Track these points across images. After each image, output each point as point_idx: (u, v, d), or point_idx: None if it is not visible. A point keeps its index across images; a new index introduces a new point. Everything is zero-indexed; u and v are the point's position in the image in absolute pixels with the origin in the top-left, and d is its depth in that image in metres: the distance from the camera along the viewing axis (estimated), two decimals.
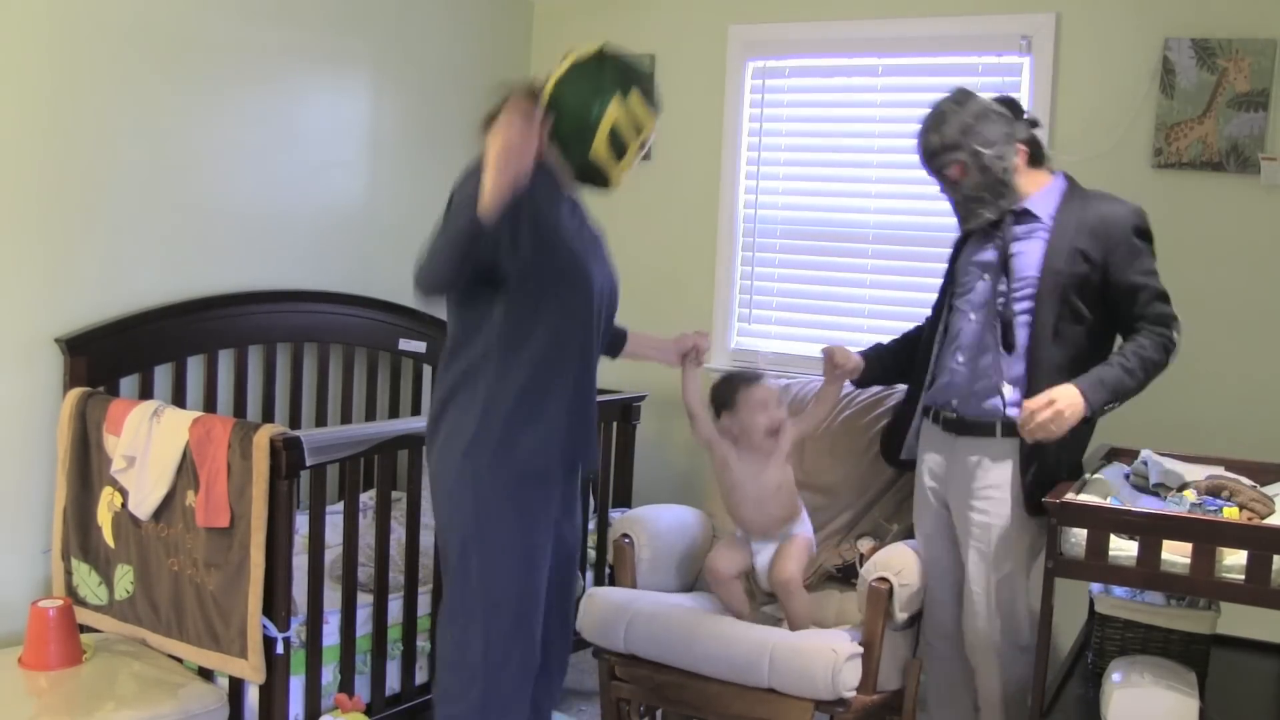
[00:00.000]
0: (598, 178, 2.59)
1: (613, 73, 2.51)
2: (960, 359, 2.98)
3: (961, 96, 2.96)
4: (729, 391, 3.26)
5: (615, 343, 3.02)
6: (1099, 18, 3.70)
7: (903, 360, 3.24)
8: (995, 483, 2.90)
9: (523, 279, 2.49)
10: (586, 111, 2.49)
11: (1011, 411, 2.86)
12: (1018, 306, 2.89)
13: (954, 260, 3.14)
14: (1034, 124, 2.99)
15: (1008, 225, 2.93)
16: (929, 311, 3.23)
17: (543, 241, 2.49)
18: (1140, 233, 2.85)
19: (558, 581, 2.79)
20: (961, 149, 2.89)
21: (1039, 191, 2.93)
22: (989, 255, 2.97)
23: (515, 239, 2.41)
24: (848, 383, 3.30)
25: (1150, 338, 2.80)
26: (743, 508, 3.23)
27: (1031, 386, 2.83)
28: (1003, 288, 2.90)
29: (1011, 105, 2.99)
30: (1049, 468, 2.84)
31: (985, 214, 2.92)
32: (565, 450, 2.61)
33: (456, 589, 2.62)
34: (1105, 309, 2.86)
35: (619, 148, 2.54)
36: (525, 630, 2.61)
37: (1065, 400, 2.68)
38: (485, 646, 2.58)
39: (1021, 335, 2.88)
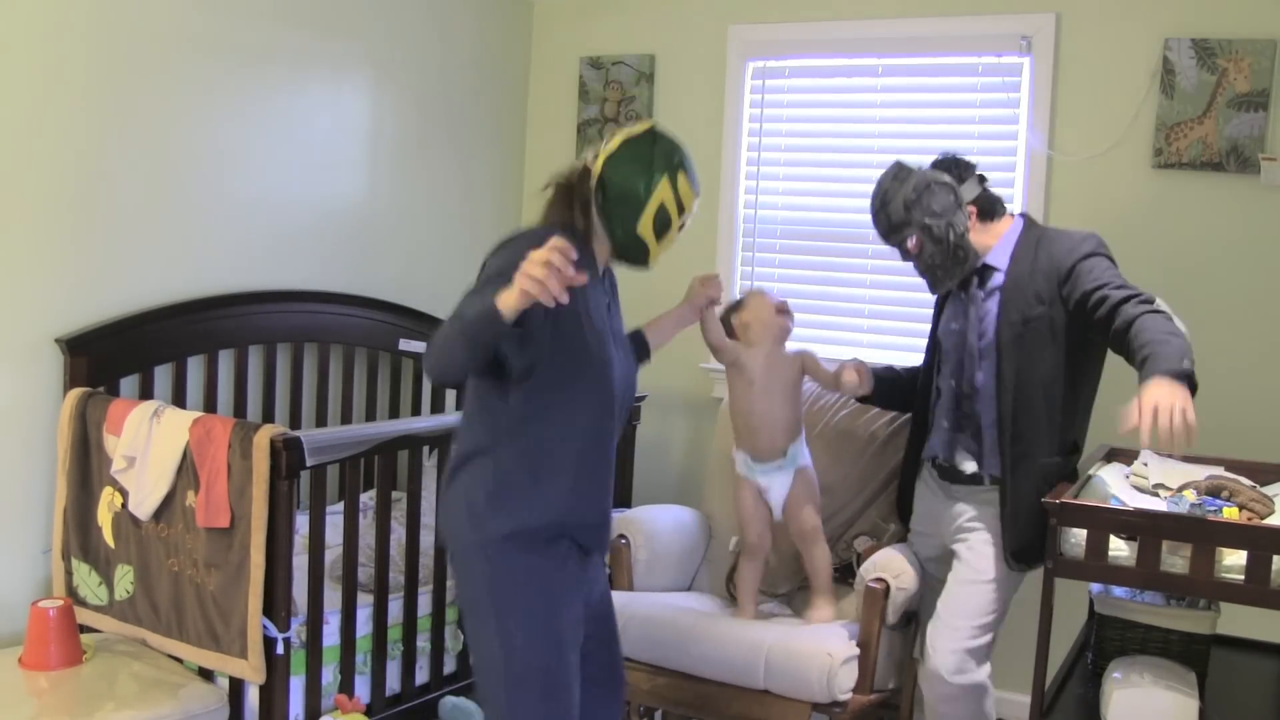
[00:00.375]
0: (639, 255, 2.60)
1: (663, 152, 2.54)
2: (945, 423, 3.04)
3: (901, 173, 2.97)
4: (735, 303, 3.41)
5: (642, 349, 3.01)
6: (1099, 18, 3.70)
7: (908, 391, 3.26)
8: (980, 518, 2.97)
9: (540, 368, 2.47)
10: (636, 189, 2.52)
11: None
12: (980, 369, 2.93)
13: (937, 316, 3.17)
14: (982, 179, 2.98)
15: (973, 288, 2.97)
16: (926, 311, 3.24)
17: (563, 335, 2.47)
18: (1090, 255, 2.83)
19: (600, 647, 2.71)
20: (910, 224, 2.91)
21: (998, 243, 2.96)
22: (957, 325, 3.01)
23: (532, 332, 2.40)
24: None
25: (1148, 316, 2.63)
26: (752, 413, 3.25)
27: (1002, 433, 2.89)
28: (967, 344, 2.96)
29: (956, 165, 2.98)
30: (1026, 521, 2.87)
31: (949, 280, 2.95)
32: (578, 527, 2.55)
33: (482, 666, 2.55)
34: (1073, 335, 2.86)
35: (663, 226, 2.57)
36: (553, 709, 2.52)
37: (1166, 396, 2.40)
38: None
39: (988, 387, 2.93)
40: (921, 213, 2.90)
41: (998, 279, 2.93)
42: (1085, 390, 2.97)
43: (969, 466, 2.99)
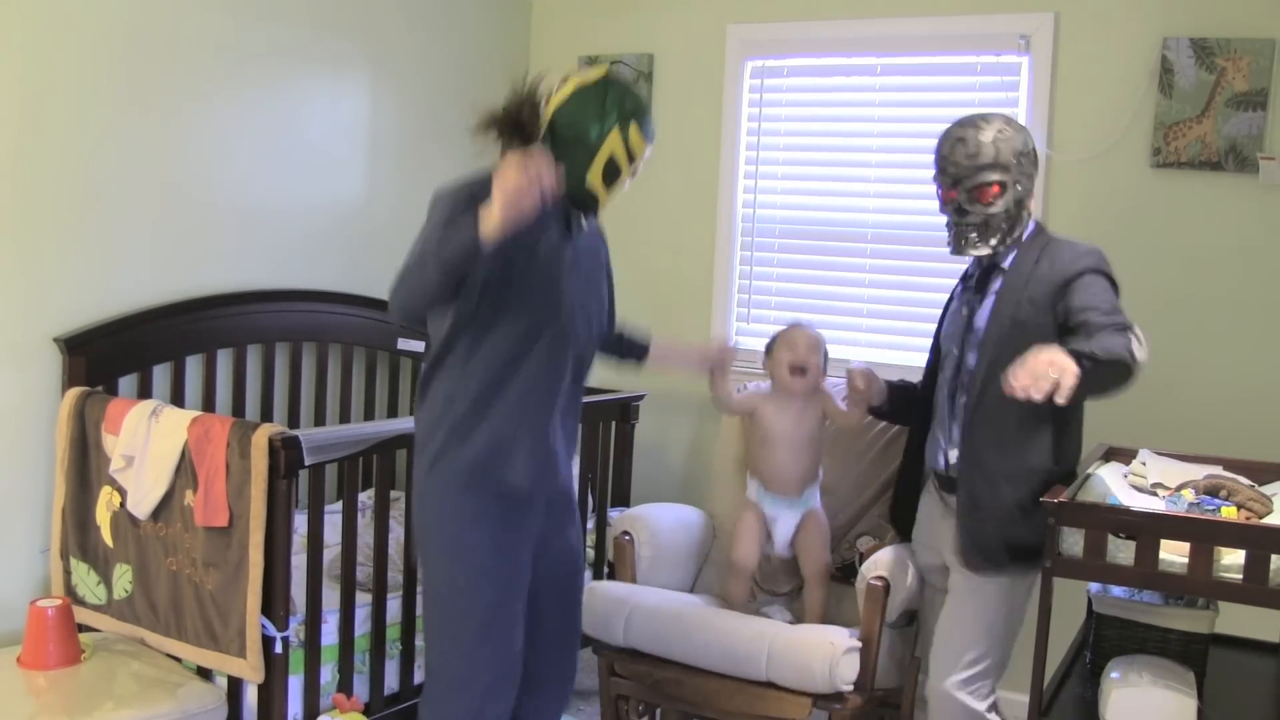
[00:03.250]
0: (587, 202, 2.60)
1: (615, 101, 2.51)
2: (939, 432, 2.98)
3: (1018, 125, 2.85)
4: (773, 337, 3.38)
5: (639, 350, 3.02)
6: (1098, 17, 3.70)
7: (915, 407, 3.17)
8: None
9: (488, 301, 2.49)
10: (586, 137, 2.50)
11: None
12: (970, 363, 2.85)
13: (940, 322, 3.10)
14: None
15: (977, 286, 2.90)
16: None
17: (511, 260, 2.48)
18: (1089, 270, 2.74)
19: (558, 603, 2.78)
20: (1009, 171, 2.79)
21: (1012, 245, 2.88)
22: (955, 327, 2.94)
23: (494, 257, 2.41)
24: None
25: (1107, 333, 2.56)
26: (774, 455, 3.29)
27: (972, 430, 2.80)
28: (966, 356, 2.88)
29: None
30: (986, 521, 2.79)
31: (981, 245, 2.83)
32: (524, 467, 2.56)
33: (428, 600, 2.63)
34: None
35: (612, 175, 2.55)
36: (497, 647, 2.58)
37: (1049, 355, 2.37)
38: (453, 661, 2.59)
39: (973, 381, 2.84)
40: (1021, 170, 2.80)
41: (998, 282, 2.86)
42: (1065, 412, 2.74)
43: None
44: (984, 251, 2.84)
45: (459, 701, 2.60)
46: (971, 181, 2.79)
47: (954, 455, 2.90)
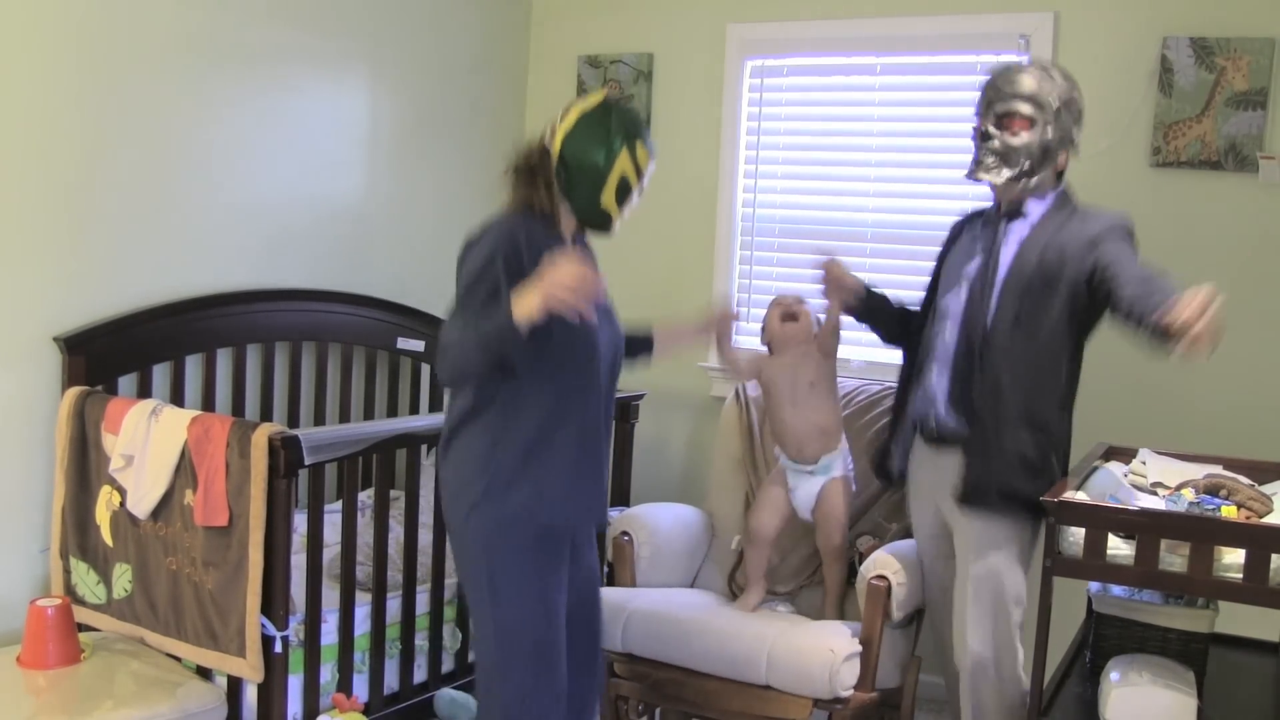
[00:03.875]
0: (603, 224, 2.66)
1: (619, 123, 2.59)
2: (935, 371, 2.96)
3: (1072, 79, 2.89)
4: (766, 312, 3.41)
5: (644, 347, 3.04)
6: (1097, 16, 3.70)
7: (896, 320, 3.20)
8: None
9: (536, 355, 2.52)
10: (596, 163, 2.57)
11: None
12: (989, 312, 2.86)
13: (941, 260, 3.11)
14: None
15: (1002, 227, 2.91)
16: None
17: (561, 327, 2.51)
18: (1125, 232, 2.83)
19: (583, 623, 2.79)
20: (1044, 111, 2.83)
21: (1040, 194, 2.91)
22: (974, 265, 2.94)
23: (540, 329, 2.44)
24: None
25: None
26: (779, 414, 3.30)
27: (988, 371, 2.82)
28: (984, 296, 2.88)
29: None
30: (989, 466, 2.83)
31: (995, 173, 2.85)
32: (572, 509, 2.63)
33: (477, 639, 2.67)
34: (1081, 300, 2.80)
35: (624, 194, 2.63)
36: (546, 682, 2.62)
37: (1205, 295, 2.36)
38: (505, 700, 2.60)
39: (992, 330, 2.85)
40: (1057, 118, 2.83)
41: (1021, 229, 2.88)
42: (1074, 357, 2.89)
43: (954, 422, 2.90)
44: (997, 179, 2.86)
45: None
46: (1003, 106, 2.84)
47: (945, 405, 2.92)
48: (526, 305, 2.34)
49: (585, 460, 2.64)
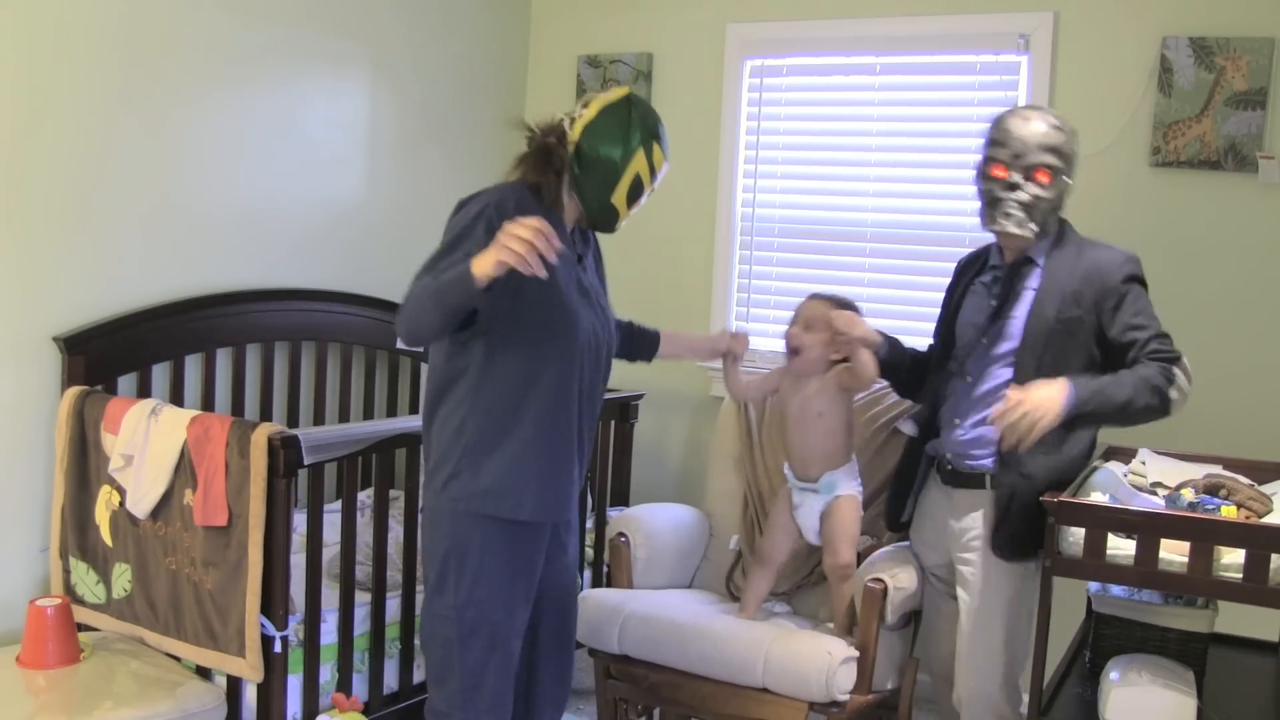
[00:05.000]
0: (609, 222, 2.65)
1: (639, 120, 2.58)
2: (957, 420, 2.95)
3: (1071, 127, 2.91)
4: (799, 310, 3.31)
5: (649, 345, 3.04)
6: (1097, 16, 3.70)
7: (908, 374, 3.19)
8: (980, 532, 2.89)
9: (502, 323, 2.51)
10: (613, 159, 2.56)
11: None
12: (1001, 356, 2.86)
13: (949, 305, 3.09)
14: None
15: (1009, 277, 2.90)
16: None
17: (525, 292, 2.50)
18: (1133, 279, 2.80)
19: (556, 611, 2.81)
20: (1063, 160, 2.83)
21: (1043, 239, 2.89)
22: (983, 318, 2.93)
23: (503, 290, 2.42)
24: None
25: (1150, 366, 2.70)
26: (786, 434, 3.27)
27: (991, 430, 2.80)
28: (994, 349, 2.88)
29: None
30: (1021, 512, 2.79)
31: (1021, 225, 2.81)
32: (535, 499, 2.60)
33: (433, 613, 2.66)
34: (1095, 357, 2.80)
35: (635, 194, 2.62)
36: (498, 665, 2.64)
37: (1036, 398, 2.59)
38: (460, 675, 2.62)
39: (1003, 377, 2.85)
40: (1071, 167, 2.85)
41: (1034, 279, 2.86)
42: None
43: (981, 464, 2.89)
44: (1021, 231, 2.83)
45: (469, 716, 2.64)
46: (1032, 159, 2.81)
47: (968, 449, 2.91)
48: (483, 260, 2.29)
49: (552, 448, 2.59)
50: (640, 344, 3.07)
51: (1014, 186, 2.82)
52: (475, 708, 2.64)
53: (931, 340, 3.17)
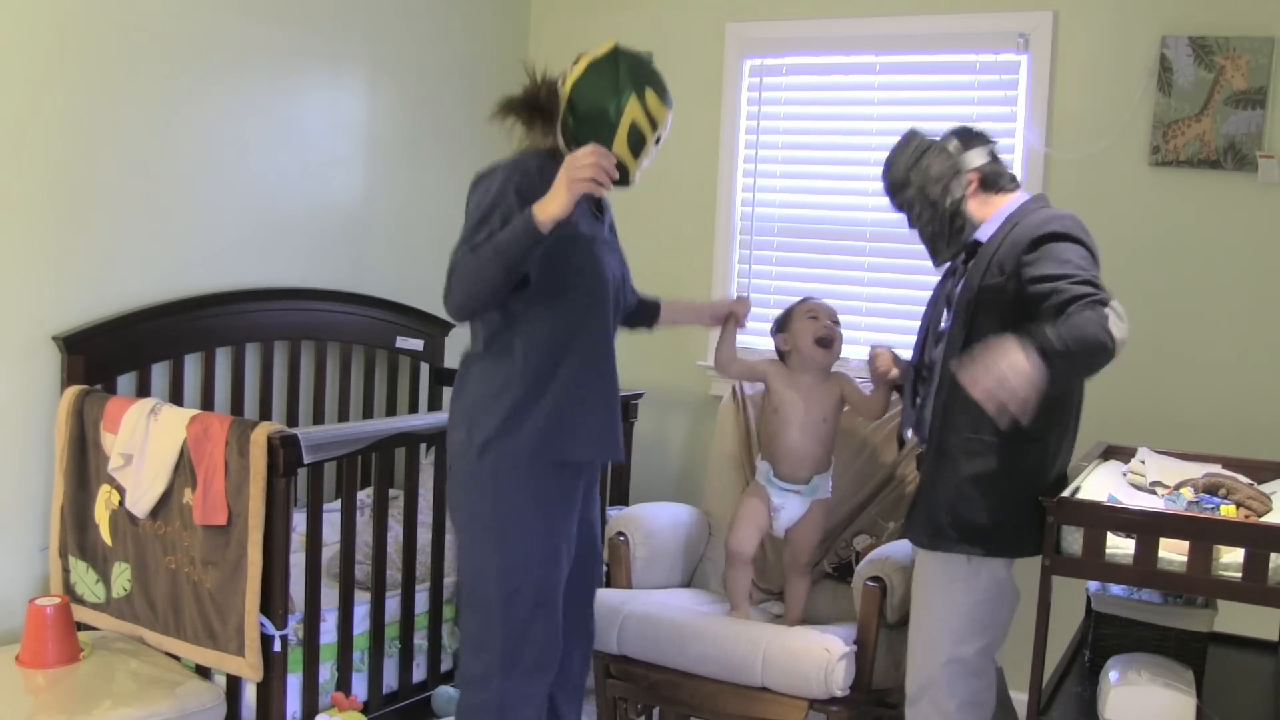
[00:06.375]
0: (619, 175, 2.61)
1: (628, 71, 2.58)
2: (909, 401, 2.94)
3: (908, 136, 2.93)
4: (785, 313, 3.35)
5: (650, 313, 3.07)
6: (1096, 15, 3.70)
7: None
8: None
9: (536, 278, 2.54)
10: (605, 110, 2.56)
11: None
12: (940, 336, 2.81)
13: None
14: (993, 153, 2.85)
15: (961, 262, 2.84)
16: (924, 307, 3.20)
17: (553, 246, 2.52)
18: (1055, 236, 2.59)
19: (580, 572, 2.83)
20: (909, 186, 2.86)
21: (990, 217, 2.78)
22: (935, 305, 2.90)
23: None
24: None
25: (1080, 309, 2.42)
26: (786, 434, 3.25)
27: (938, 403, 2.74)
28: (937, 330, 2.83)
29: (966, 134, 2.86)
30: (940, 499, 2.72)
31: (947, 251, 2.83)
32: (587, 438, 2.64)
33: (475, 576, 2.65)
34: (1020, 311, 2.58)
35: (637, 144, 2.61)
36: (544, 621, 2.64)
37: (988, 363, 2.36)
38: (504, 637, 2.61)
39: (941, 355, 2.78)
40: (920, 175, 2.83)
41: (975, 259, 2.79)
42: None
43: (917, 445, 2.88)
44: (954, 252, 2.84)
45: (511, 680, 2.63)
46: (899, 208, 2.91)
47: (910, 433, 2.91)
48: (552, 202, 2.36)
49: (597, 388, 2.64)
50: (642, 310, 3.08)
51: (913, 226, 2.90)
52: (517, 669, 2.63)
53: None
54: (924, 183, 2.84)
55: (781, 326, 3.34)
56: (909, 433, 3.00)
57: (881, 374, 3.12)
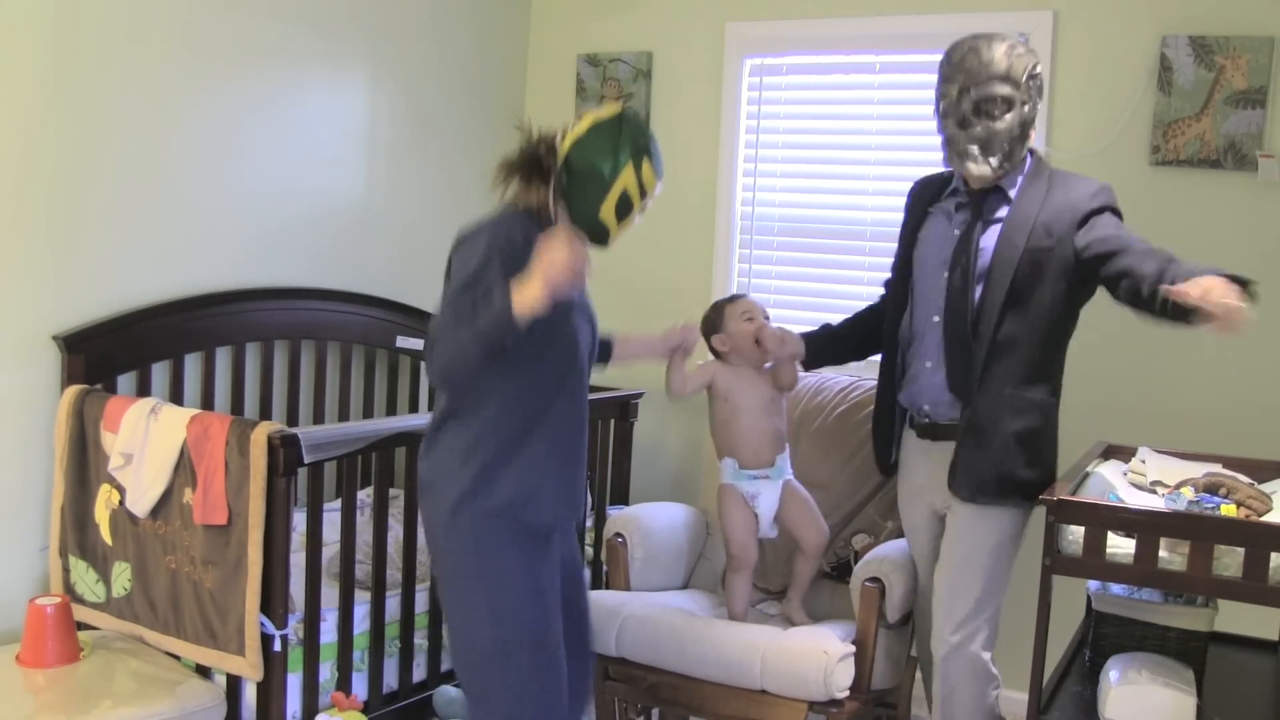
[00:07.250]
0: (599, 236, 2.62)
1: (630, 137, 2.56)
2: (929, 363, 2.91)
3: (1029, 46, 2.82)
4: (714, 313, 3.36)
5: (603, 353, 3.03)
6: (1096, 15, 3.70)
7: (850, 343, 3.26)
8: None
9: (515, 342, 2.50)
10: (602, 171, 2.54)
11: None
12: (966, 287, 2.80)
13: (906, 241, 3.04)
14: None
15: (985, 207, 2.83)
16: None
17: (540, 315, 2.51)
18: (1106, 208, 2.77)
19: (570, 609, 2.78)
20: (1019, 89, 2.75)
21: (1013, 171, 2.84)
22: (948, 251, 2.87)
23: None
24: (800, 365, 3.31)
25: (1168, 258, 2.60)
26: (740, 422, 3.26)
27: (984, 361, 2.77)
28: (958, 281, 2.82)
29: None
30: (987, 453, 2.80)
31: (981, 163, 2.76)
32: (554, 502, 2.62)
33: (468, 638, 2.59)
34: (1060, 291, 2.77)
35: (624, 209, 2.59)
36: (546, 669, 2.59)
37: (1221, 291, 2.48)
38: (507, 695, 2.57)
39: (981, 314, 2.79)
40: (1029, 91, 2.77)
41: (1001, 209, 2.82)
42: (1067, 335, 2.88)
43: (953, 413, 2.86)
44: (984, 170, 2.78)
45: None
46: (982, 91, 2.74)
47: (939, 397, 2.88)
48: (529, 296, 2.33)
49: (565, 459, 2.63)
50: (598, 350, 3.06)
51: (967, 123, 2.77)
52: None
53: (884, 285, 3.18)
54: (1028, 87, 2.77)
55: (716, 328, 3.33)
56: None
57: (779, 352, 3.17)
